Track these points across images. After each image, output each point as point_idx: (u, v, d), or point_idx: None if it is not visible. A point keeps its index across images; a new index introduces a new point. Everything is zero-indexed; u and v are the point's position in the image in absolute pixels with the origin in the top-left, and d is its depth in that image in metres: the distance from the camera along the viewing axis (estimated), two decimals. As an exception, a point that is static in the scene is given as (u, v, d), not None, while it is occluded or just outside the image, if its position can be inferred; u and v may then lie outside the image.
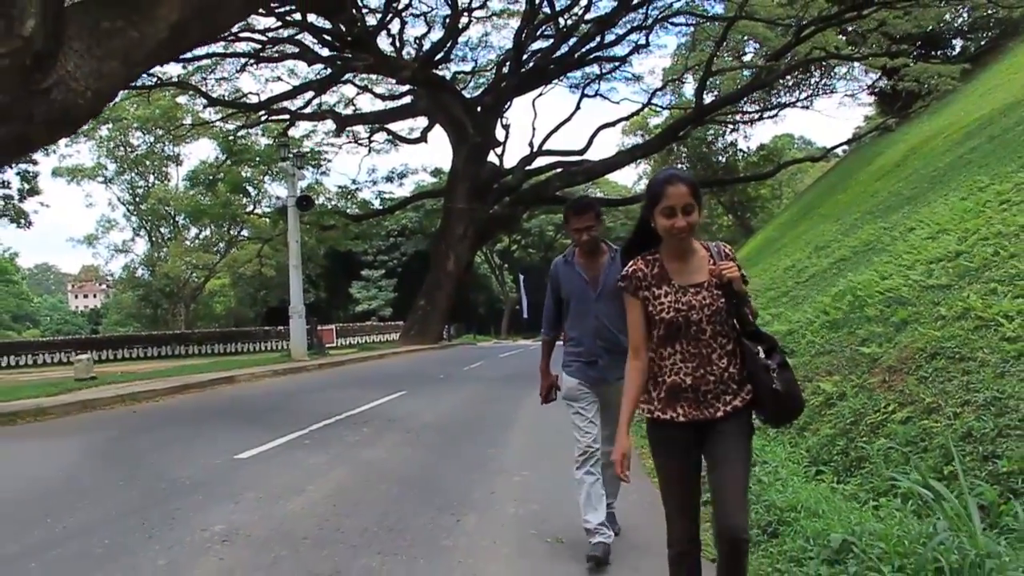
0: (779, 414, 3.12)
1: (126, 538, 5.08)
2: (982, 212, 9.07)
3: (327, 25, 30.25)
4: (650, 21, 36.62)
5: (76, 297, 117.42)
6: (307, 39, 32.58)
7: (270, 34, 31.51)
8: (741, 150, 54.46)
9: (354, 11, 22.07)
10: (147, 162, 52.46)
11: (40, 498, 6.40)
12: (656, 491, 3.33)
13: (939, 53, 37.49)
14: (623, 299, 4.03)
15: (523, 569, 4.42)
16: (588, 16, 36.69)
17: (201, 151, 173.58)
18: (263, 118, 37.80)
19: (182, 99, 37.07)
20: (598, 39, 37.51)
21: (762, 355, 3.03)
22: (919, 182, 15.21)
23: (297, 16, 28.43)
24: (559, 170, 40.20)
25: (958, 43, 39.86)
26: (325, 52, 33.71)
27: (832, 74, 42.84)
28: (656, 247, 3.17)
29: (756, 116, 46.43)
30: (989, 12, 32.02)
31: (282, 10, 26.20)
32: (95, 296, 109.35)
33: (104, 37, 10.54)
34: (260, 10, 20.76)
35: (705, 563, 3.28)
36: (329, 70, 35.37)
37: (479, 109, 38.23)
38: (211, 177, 41.34)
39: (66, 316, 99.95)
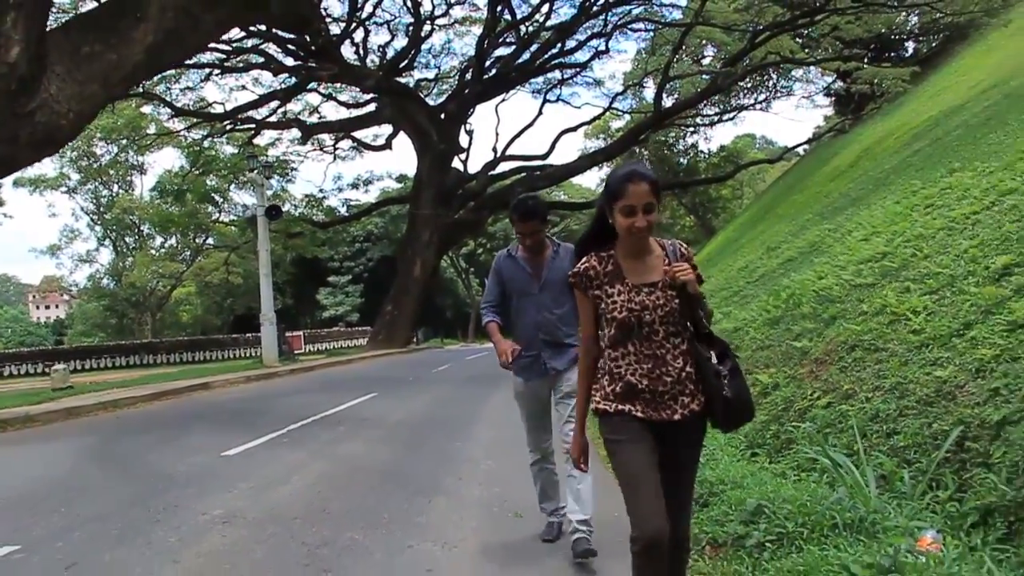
0: (729, 420, 3.03)
1: (136, 523, 5.69)
2: (909, 215, 9.81)
3: (291, 35, 30.58)
4: (609, 28, 37.25)
5: (37, 308, 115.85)
6: (271, 48, 32.86)
7: (235, 44, 31.71)
8: (702, 152, 55.11)
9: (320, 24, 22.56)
10: (111, 171, 52.13)
11: (49, 493, 6.98)
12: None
13: (892, 55, 38.36)
14: (565, 293, 4.44)
15: (487, 538, 5.04)
16: (549, 23, 37.37)
17: (166, 160, 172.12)
18: (228, 127, 38.04)
19: (146, 109, 37.07)
20: (559, 46, 38.11)
21: (714, 360, 2.97)
22: (866, 184, 15.82)
23: (262, 27, 28.75)
24: (522, 175, 40.79)
25: (911, 45, 40.83)
26: (290, 62, 33.93)
27: (789, 77, 43.46)
28: (611, 243, 3.07)
29: (715, 119, 47.18)
30: (936, 17, 32.90)
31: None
32: (57, 307, 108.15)
33: (84, 61, 11.07)
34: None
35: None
36: (294, 79, 35.69)
37: (443, 116, 38.63)
38: (179, 188, 41.46)
39: (29, 328, 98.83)
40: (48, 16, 10.70)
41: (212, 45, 30.17)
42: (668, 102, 41.13)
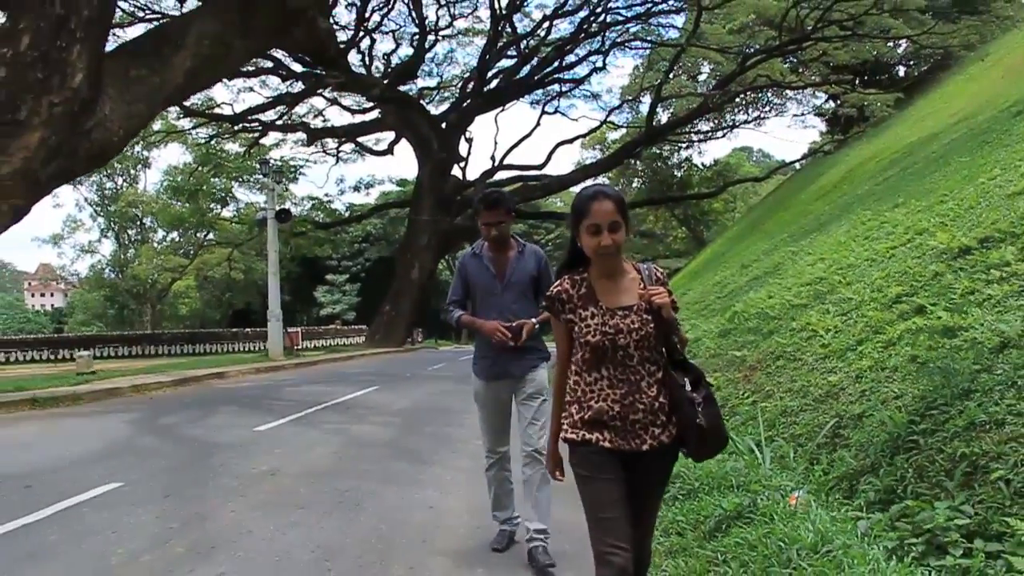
0: (701, 449, 2.98)
1: (201, 473, 7.28)
2: (849, 245, 11.31)
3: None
4: (607, 45, 38.79)
5: (33, 296, 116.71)
6: (280, 53, 33.96)
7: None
8: (695, 165, 55.88)
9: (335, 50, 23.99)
10: (116, 165, 53.19)
11: (123, 451, 8.58)
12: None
13: (882, 78, 39.53)
14: (527, 295, 4.76)
15: (475, 491, 6.47)
16: (548, 38, 38.87)
17: (170, 155, 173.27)
18: (236, 129, 39.43)
19: (156, 106, 38.11)
20: (557, 62, 39.69)
21: (688, 387, 2.90)
22: (836, 209, 16.93)
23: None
24: (519, 184, 42.28)
25: (901, 69, 42.11)
26: (297, 67, 35.28)
27: (783, 95, 44.52)
28: (586, 266, 3.02)
29: (709, 135, 48.33)
30: (918, 46, 34.21)
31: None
32: (52, 295, 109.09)
33: (132, 83, 12.60)
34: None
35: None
36: (301, 84, 37.06)
37: (443, 126, 40.07)
38: (192, 188, 42.78)
39: (27, 315, 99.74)
40: (105, 45, 12.20)
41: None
42: (664, 117, 42.60)
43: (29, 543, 5.03)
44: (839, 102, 35.68)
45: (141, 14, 27.59)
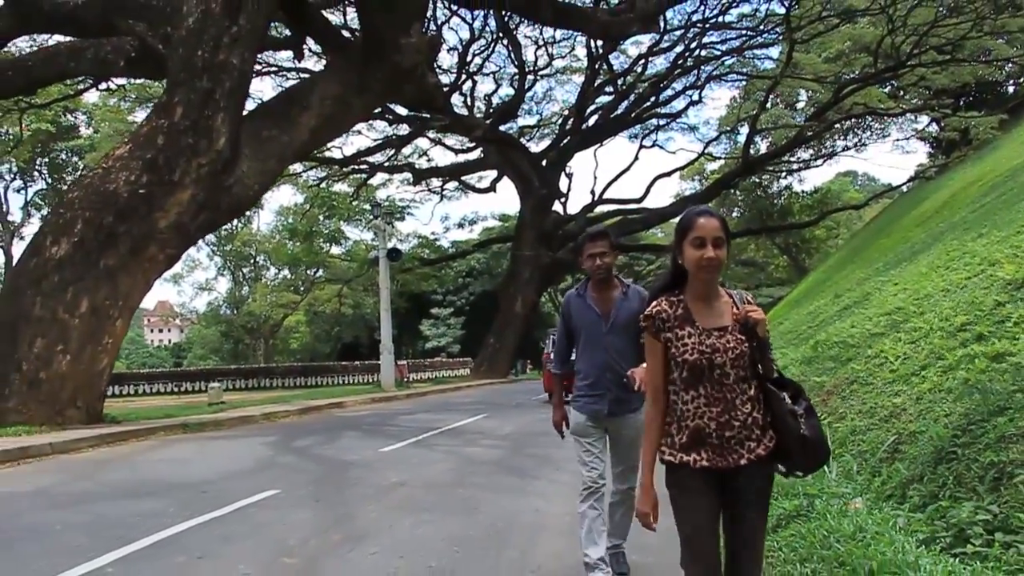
0: (807, 461, 3.04)
1: (341, 484, 8.52)
2: (929, 275, 11.79)
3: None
4: (703, 78, 39.49)
5: (152, 331, 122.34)
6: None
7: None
8: (796, 193, 55.49)
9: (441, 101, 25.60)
10: (232, 206, 55.91)
11: (271, 466, 9.97)
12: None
13: (988, 97, 38.46)
14: (632, 335, 4.55)
15: (573, 500, 7.29)
16: (645, 74, 39.81)
17: (282, 196, 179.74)
18: (345, 170, 41.45)
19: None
20: (654, 97, 40.57)
21: (788, 401, 2.99)
22: (931, 237, 16.93)
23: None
24: (618, 218, 43.08)
25: (1011, 87, 40.98)
26: (403, 111, 36.97)
27: (883, 120, 43.83)
28: (681, 289, 3.11)
29: (808, 162, 47.86)
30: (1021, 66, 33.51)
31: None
32: (169, 331, 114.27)
33: (265, 143, 14.19)
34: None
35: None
36: (407, 127, 38.88)
37: (544, 163, 41.36)
38: (307, 229, 45.07)
39: (149, 350, 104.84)
40: (243, 111, 13.80)
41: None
42: (762, 146, 42.77)
43: (221, 531, 6.30)
44: (942, 125, 35.30)
45: (258, 67, 29.78)
